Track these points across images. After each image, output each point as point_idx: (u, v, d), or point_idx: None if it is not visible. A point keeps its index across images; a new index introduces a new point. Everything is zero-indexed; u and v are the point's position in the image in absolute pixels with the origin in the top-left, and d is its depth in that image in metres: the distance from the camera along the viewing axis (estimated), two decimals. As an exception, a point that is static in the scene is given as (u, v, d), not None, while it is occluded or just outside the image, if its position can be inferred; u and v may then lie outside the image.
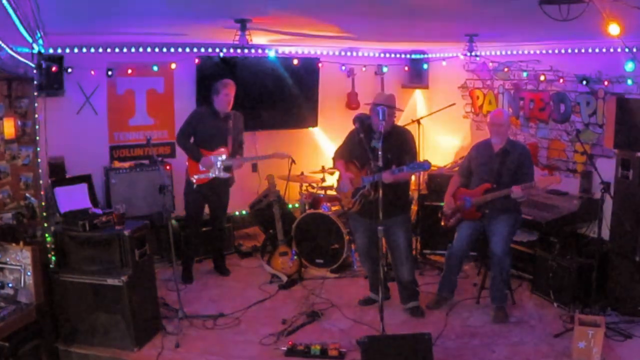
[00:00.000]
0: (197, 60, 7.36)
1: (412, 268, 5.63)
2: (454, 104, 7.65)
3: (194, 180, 6.20)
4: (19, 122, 5.05)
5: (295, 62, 7.90)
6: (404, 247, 5.47)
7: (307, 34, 6.23)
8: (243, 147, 6.51)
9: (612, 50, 6.20)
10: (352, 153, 5.40)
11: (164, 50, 7.16)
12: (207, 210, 6.69)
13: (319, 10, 4.52)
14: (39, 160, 5.20)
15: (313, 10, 4.47)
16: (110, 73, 6.82)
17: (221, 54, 7.46)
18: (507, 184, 5.21)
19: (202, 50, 7.43)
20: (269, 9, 4.36)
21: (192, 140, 6.26)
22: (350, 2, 4.11)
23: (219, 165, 6.20)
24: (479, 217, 5.45)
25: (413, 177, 7.22)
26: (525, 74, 7.31)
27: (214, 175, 6.22)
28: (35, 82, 5.17)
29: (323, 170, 7.53)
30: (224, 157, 6.21)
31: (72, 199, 5.53)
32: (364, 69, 8.64)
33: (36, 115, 5.15)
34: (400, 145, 5.24)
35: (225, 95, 6.19)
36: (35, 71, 5.25)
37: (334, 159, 5.67)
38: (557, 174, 6.49)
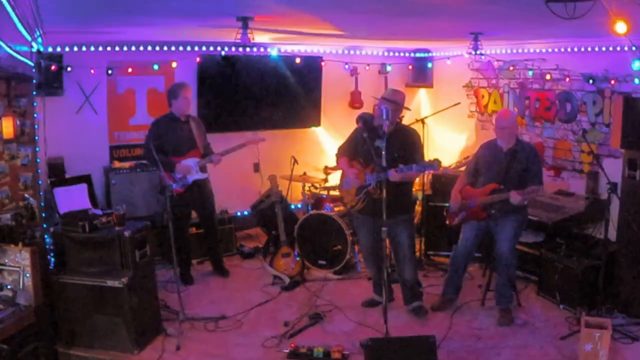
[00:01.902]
0: (198, 59, 7.32)
1: (415, 268, 5.60)
2: (458, 103, 7.59)
3: (174, 189, 6.10)
4: (18, 122, 5.02)
5: (298, 60, 7.84)
6: (407, 246, 5.44)
7: (309, 32, 6.17)
8: (210, 148, 6.44)
9: (619, 48, 6.14)
10: (356, 151, 5.36)
11: (165, 48, 7.11)
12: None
13: (322, 9, 4.49)
14: (38, 160, 5.19)
15: (316, 8, 4.43)
16: (110, 72, 6.79)
17: (223, 53, 7.42)
18: (514, 185, 5.15)
19: (204, 48, 7.40)
20: (271, 6, 4.31)
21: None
22: (354, 1, 4.06)
23: (195, 168, 6.17)
24: (484, 217, 5.39)
25: (417, 178, 7.19)
26: (530, 73, 7.24)
27: (192, 179, 6.17)
28: (34, 81, 5.15)
29: (326, 169, 7.47)
30: (197, 159, 6.18)
31: (71, 199, 5.51)
32: (367, 67, 8.58)
33: (35, 115, 5.14)
34: (407, 145, 5.20)
35: (184, 99, 6.15)
36: (34, 70, 5.23)
37: (337, 155, 5.63)
38: (564, 178, 6.45)
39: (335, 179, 7.35)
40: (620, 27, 3.62)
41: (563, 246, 5.92)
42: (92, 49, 6.69)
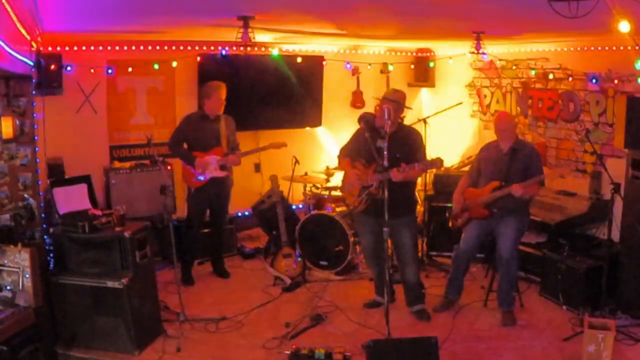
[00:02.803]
0: (199, 59, 7.28)
1: (417, 269, 5.57)
2: (461, 103, 7.58)
3: (192, 184, 6.17)
4: (17, 122, 5.01)
5: (299, 60, 7.81)
6: (410, 247, 5.41)
7: (310, 31, 6.14)
8: (239, 149, 6.43)
9: (622, 47, 6.08)
10: (358, 152, 5.33)
11: (165, 48, 7.09)
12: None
13: (323, 7, 4.46)
14: (38, 160, 5.16)
15: (317, 6, 4.41)
16: (110, 71, 6.73)
17: (223, 52, 7.38)
18: (516, 183, 5.13)
19: (204, 48, 7.37)
20: (272, 4, 4.29)
21: (185, 146, 6.25)
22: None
23: (214, 165, 6.15)
24: (487, 215, 5.37)
25: (419, 178, 7.15)
26: (533, 72, 7.22)
27: (210, 176, 6.15)
28: (33, 81, 5.12)
29: (328, 170, 7.44)
30: (218, 156, 6.16)
31: (71, 199, 5.44)
32: (369, 67, 8.55)
33: (34, 115, 5.11)
34: (409, 145, 5.18)
35: (217, 100, 6.16)
36: (33, 69, 5.20)
37: (339, 157, 5.61)
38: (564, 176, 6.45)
39: (337, 179, 7.35)
40: (624, 26, 3.59)
41: (566, 247, 5.89)
42: (92, 48, 6.65)
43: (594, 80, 6.39)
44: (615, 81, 6.19)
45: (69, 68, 6.38)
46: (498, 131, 5.42)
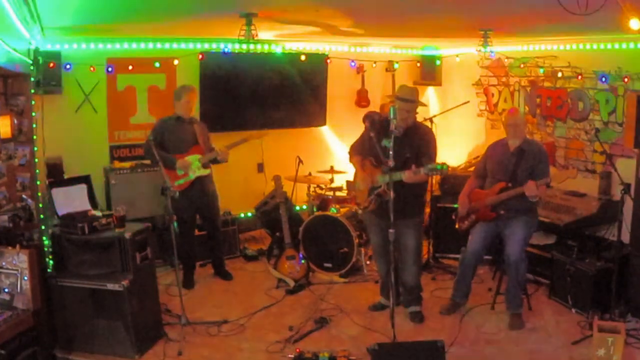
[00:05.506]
0: (200, 56, 7.23)
1: (418, 272, 5.53)
2: (468, 102, 7.51)
3: (175, 186, 5.96)
4: (16, 121, 4.99)
5: (303, 58, 7.77)
6: (412, 249, 5.37)
7: (314, 29, 6.08)
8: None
9: (632, 45, 6.05)
10: (367, 150, 5.28)
11: (166, 45, 7.05)
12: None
13: (328, 4, 4.41)
14: (36, 160, 5.13)
15: (322, 3, 4.36)
16: (110, 69, 6.71)
17: (226, 50, 7.33)
18: (523, 183, 5.08)
19: (206, 45, 7.32)
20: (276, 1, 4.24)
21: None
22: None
23: (197, 164, 6.10)
24: (493, 217, 5.32)
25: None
26: (542, 71, 7.15)
27: (194, 176, 6.10)
28: (32, 79, 5.08)
29: (332, 170, 7.38)
30: (199, 155, 6.11)
31: (70, 200, 5.40)
32: (374, 65, 8.49)
33: (33, 114, 5.09)
34: (419, 144, 5.12)
35: (186, 102, 6.13)
36: (32, 68, 5.17)
37: (350, 153, 5.57)
38: (571, 168, 6.39)
39: (341, 179, 7.30)
40: (634, 24, 3.56)
41: (575, 248, 5.82)
42: (92, 46, 6.62)
43: (603, 79, 6.31)
44: (625, 79, 6.12)
45: (68, 66, 6.38)
46: (507, 126, 5.38)
